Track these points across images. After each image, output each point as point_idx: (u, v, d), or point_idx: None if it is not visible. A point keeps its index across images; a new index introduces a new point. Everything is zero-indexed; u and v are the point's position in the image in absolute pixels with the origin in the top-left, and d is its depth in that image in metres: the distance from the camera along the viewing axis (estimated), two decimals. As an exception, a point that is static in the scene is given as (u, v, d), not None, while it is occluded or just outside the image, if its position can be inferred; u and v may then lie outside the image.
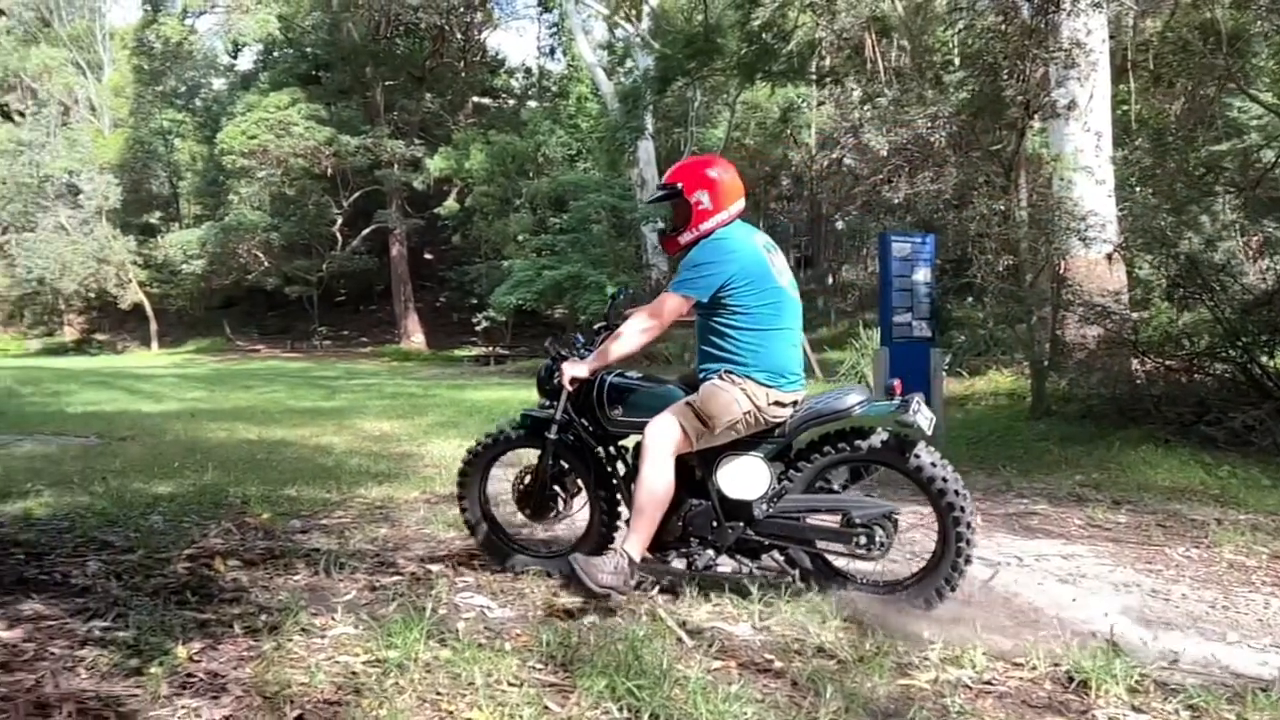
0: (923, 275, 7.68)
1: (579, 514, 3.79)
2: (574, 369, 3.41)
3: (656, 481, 3.17)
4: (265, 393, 15.36)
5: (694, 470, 3.37)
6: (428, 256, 36.88)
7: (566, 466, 3.68)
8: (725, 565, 3.48)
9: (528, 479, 3.72)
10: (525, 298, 22.31)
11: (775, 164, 27.01)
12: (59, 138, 36.98)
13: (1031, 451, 7.27)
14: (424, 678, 2.45)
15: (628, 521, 3.36)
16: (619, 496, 3.59)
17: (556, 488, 3.70)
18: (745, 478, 3.26)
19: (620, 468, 3.63)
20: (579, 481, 3.69)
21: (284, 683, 2.36)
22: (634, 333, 3.37)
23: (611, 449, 3.64)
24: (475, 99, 35.87)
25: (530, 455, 3.80)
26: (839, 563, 3.42)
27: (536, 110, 32.02)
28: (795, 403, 3.33)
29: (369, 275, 35.03)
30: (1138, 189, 10.39)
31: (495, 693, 2.39)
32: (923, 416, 3.16)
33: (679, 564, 3.45)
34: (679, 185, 3.38)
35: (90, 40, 43.15)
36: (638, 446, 3.31)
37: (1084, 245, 8.31)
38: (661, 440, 3.19)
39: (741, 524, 3.34)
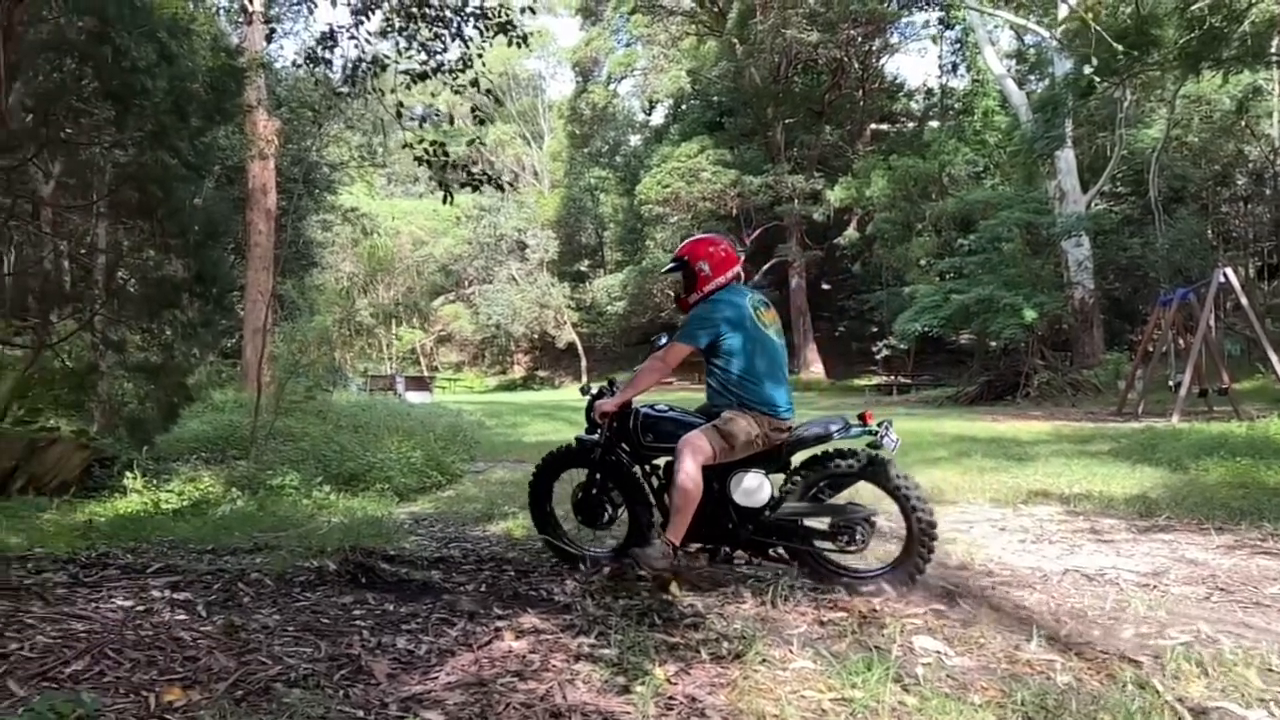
0: None
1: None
2: (604, 405, 4.21)
3: (690, 483, 3.81)
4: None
5: (713, 484, 3.95)
6: (825, 287, 37.12)
7: (610, 482, 4.41)
8: (738, 558, 4.21)
9: (581, 493, 4.49)
10: (930, 323, 21.43)
11: (1226, 161, 23.42)
12: (510, 201, 42.98)
13: None
14: (894, 724, 2.36)
15: (661, 525, 4.10)
16: (652, 505, 4.30)
17: (604, 499, 4.43)
18: (753, 490, 3.92)
19: (654, 482, 4.31)
20: (620, 494, 4.40)
21: (758, 713, 2.39)
22: (644, 374, 4.16)
23: (646, 468, 4.34)
24: (874, 126, 35.65)
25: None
26: (833, 557, 4.01)
27: (939, 130, 30.97)
28: (790, 428, 4.03)
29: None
30: None
31: (974, 750, 2.23)
32: (889, 440, 3.84)
33: (703, 558, 4.13)
34: (686, 258, 4.22)
35: (534, 114, 49.98)
36: (668, 464, 4.02)
37: None
38: (694, 451, 3.85)
39: (750, 526, 3.99)
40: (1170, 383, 14.52)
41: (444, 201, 6.02)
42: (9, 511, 6.36)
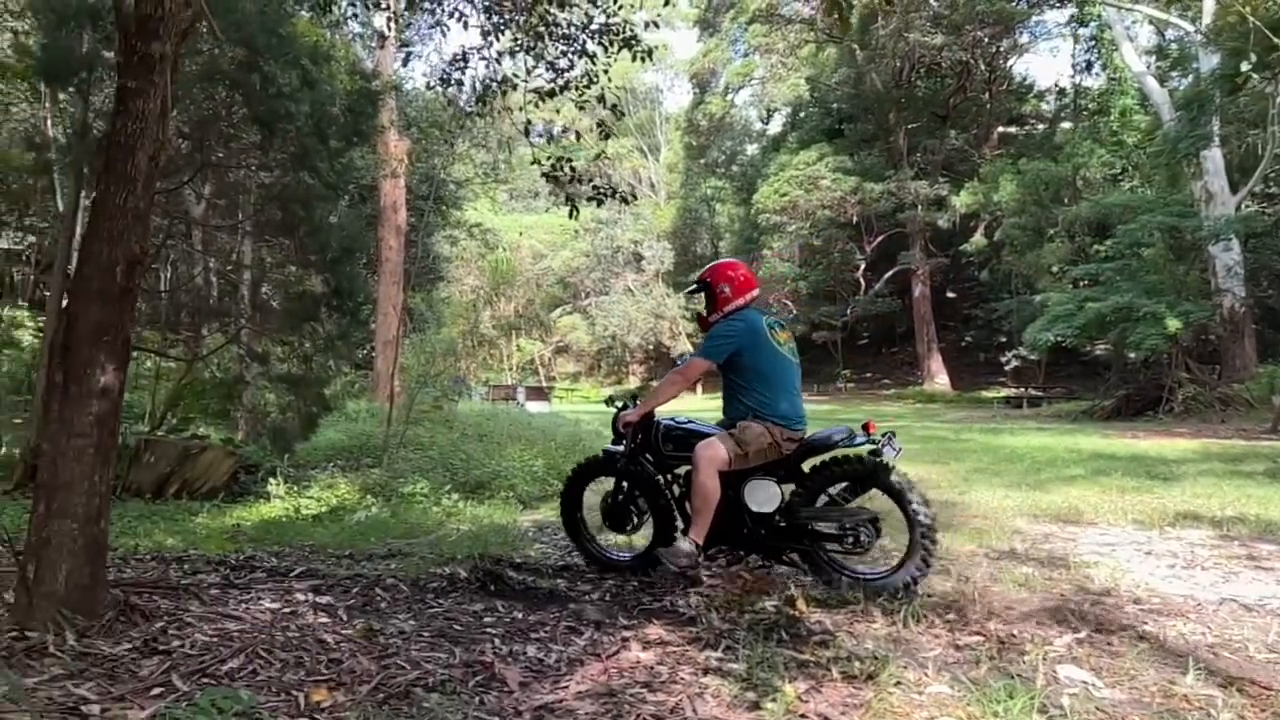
0: None
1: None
2: (627, 416, 4.52)
3: (707, 485, 4.09)
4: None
5: (728, 490, 4.17)
6: (950, 295, 36.04)
7: (635, 490, 4.63)
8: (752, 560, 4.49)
9: (609, 500, 4.71)
10: (1064, 333, 20.41)
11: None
12: (627, 214, 43.47)
13: None
14: (1041, 757, 2.25)
15: (681, 530, 4.35)
16: (674, 511, 4.50)
17: (630, 506, 4.67)
18: (764, 496, 4.18)
19: (675, 490, 4.53)
20: (645, 501, 4.62)
21: (894, 737, 2.32)
22: (665, 387, 4.52)
23: (668, 476, 4.57)
24: (1001, 129, 34.45)
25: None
26: (840, 559, 4.25)
27: (1072, 131, 29.63)
28: (802, 439, 4.28)
29: (891, 317, 35.27)
30: None
31: (1129, 790, 2.10)
32: (890, 450, 4.10)
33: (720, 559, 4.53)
34: (708, 280, 4.54)
35: (650, 127, 50.51)
36: (688, 472, 4.27)
37: None
38: (711, 456, 4.11)
39: (763, 531, 4.25)
40: (1334, 397, 13.47)
41: (569, 215, 6.15)
42: (165, 515, 6.81)
